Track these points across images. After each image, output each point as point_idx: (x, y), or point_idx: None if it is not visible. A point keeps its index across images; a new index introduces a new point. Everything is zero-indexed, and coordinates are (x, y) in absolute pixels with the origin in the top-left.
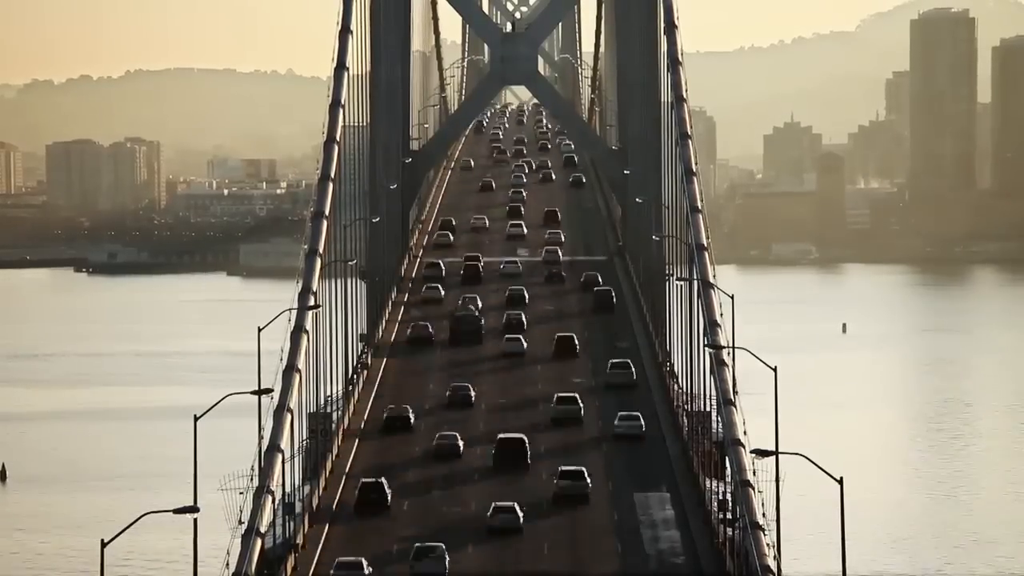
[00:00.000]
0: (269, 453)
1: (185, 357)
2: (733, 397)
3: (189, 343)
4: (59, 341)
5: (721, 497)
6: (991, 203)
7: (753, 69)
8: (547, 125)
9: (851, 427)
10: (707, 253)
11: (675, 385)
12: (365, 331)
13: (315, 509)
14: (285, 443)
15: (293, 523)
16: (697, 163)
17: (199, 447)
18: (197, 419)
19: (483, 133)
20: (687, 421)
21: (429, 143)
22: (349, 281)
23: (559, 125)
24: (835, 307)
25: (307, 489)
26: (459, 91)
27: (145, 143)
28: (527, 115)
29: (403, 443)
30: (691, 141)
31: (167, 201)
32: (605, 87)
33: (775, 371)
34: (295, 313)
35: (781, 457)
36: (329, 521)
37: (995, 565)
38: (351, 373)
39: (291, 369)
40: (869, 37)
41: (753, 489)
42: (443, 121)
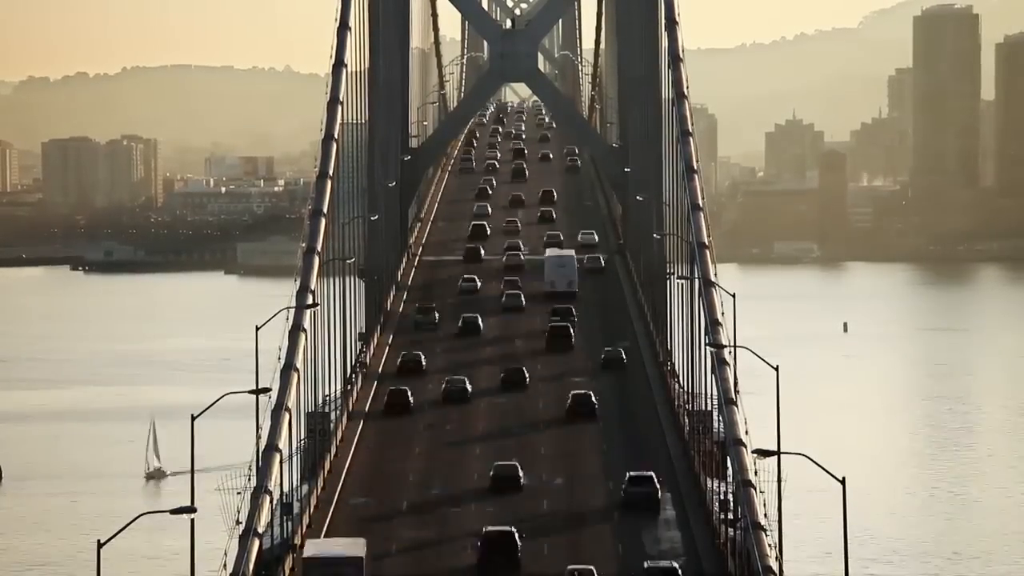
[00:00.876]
0: (267, 453)
1: (182, 356)
2: (734, 396)
3: (186, 342)
4: (55, 340)
5: (722, 497)
6: (994, 201)
7: (755, 66)
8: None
9: (853, 427)
10: (708, 251)
11: (676, 384)
12: (363, 330)
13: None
14: (283, 443)
15: (291, 523)
16: (698, 161)
17: (196, 447)
18: (194, 419)
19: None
20: (688, 420)
21: (428, 141)
22: (347, 279)
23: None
24: (837, 306)
25: (305, 489)
26: (458, 88)
27: (142, 140)
28: (527, 112)
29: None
30: (692, 138)
31: (164, 199)
32: (605, 84)
33: (777, 370)
34: (293, 312)
35: (783, 457)
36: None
37: (998, 566)
38: (349, 372)
39: (289, 368)
40: (872, 34)
41: (755, 489)
42: (442, 118)
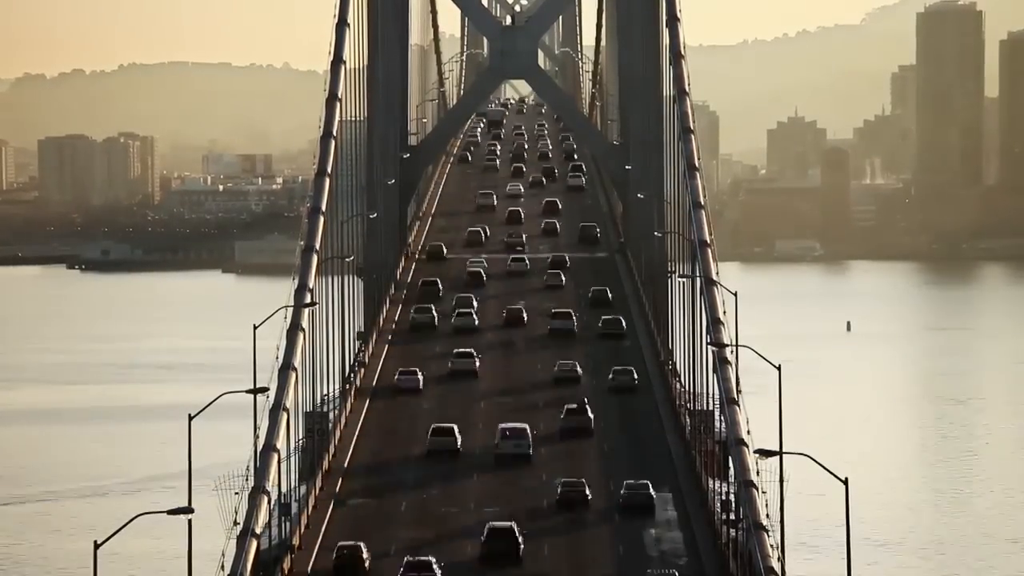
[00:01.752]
0: (265, 453)
1: (179, 355)
2: (736, 396)
3: (183, 341)
4: (50, 339)
5: (724, 497)
6: (999, 199)
7: (757, 63)
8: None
9: (856, 427)
10: (710, 250)
11: (678, 384)
12: (362, 329)
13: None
14: (281, 443)
15: (289, 524)
16: (699, 158)
17: (194, 447)
18: (192, 418)
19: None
20: (689, 420)
21: (427, 138)
22: (346, 278)
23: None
24: (840, 304)
25: (303, 489)
26: (458, 85)
27: (139, 138)
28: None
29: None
30: (693, 136)
31: (161, 197)
32: (606, 81)
33: (779, 370)
34: (291, 311)
35: (785, 457)
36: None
37: (1002, 567)
38: (348, 371)
39: (287, 368)
40: (874, 30)
41: (757, 489)
42: (442, 116)
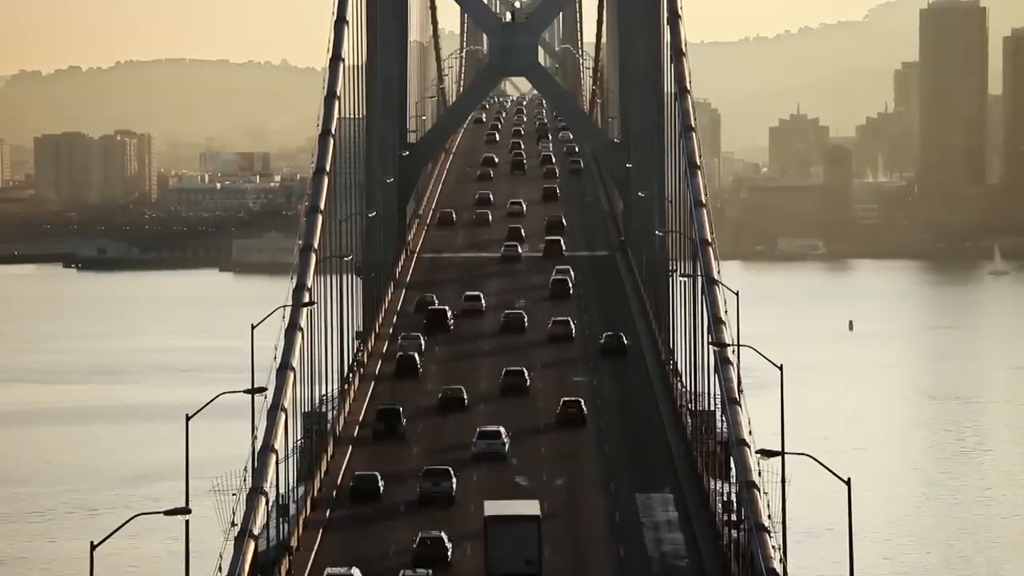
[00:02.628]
0: (262, 453)
1: (176, 355)
2: (738, 396)
3: (180, 341)
4: (46, 338)
5: (726, 498)
6: (1002, 197)
7: (758, 60)
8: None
9: (858, 427)
10: (711, 248)
11: (679, 384)
12: (361, 328)
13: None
14: (279, 443)
15: (287, 525)
16: (701, 156)
17: (191, 447)
18: (189, 418)
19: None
20: (691, 421)
21: (427, 136)
22: (345, 277)
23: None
24: (843, 303)
25: (301, 490)
26: (457, 82)
27: (136, 136)
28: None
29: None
30: (695, 134)
31: (158, 195)
32: (607, 78)
33: (781, 369)
34: (289, 310)
35: (787, 457)
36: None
37: (1006, 568)
38: (347, 371)
39: (285, 367)
40: (877, 27)
41: (758, 490)
42: (441, 113)
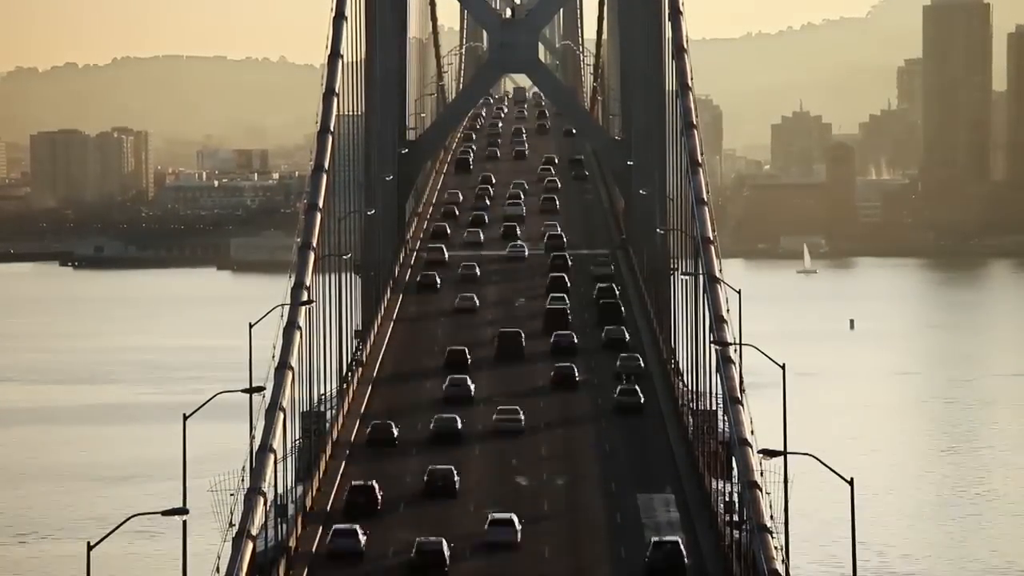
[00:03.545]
0: (260, 453)
1: (173, 354)
2: (740, 395)
3: (178, 340)
4: (42, 337)
5: (727, 499)
6: (1006, 195)
7: (761, 56)
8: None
9: (861, 427)
10: (713, 247)
11: (680, 383)
12: (360, 327)
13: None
14: (277, 443)
15: (285, 525)
16: (703, 154)
17: (188, 447)
18: (186, 418)
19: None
20: (693, 420)
21: (426, 133)
22: (343, 276)
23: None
24: (845, 302)
25: (300, 490)
26: (457, 79)
27: (132, 133)
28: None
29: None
30: (696, 131)
31: (155, 193)
32: (608, 75)
33: (783, 369)
34: (287, 309)
35: (790, 457)
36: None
37: (1010, 569)
38: (345, 371)
39: (283, 367)
40: (880, 23)
41: (760, 490)
42: (440, 110)
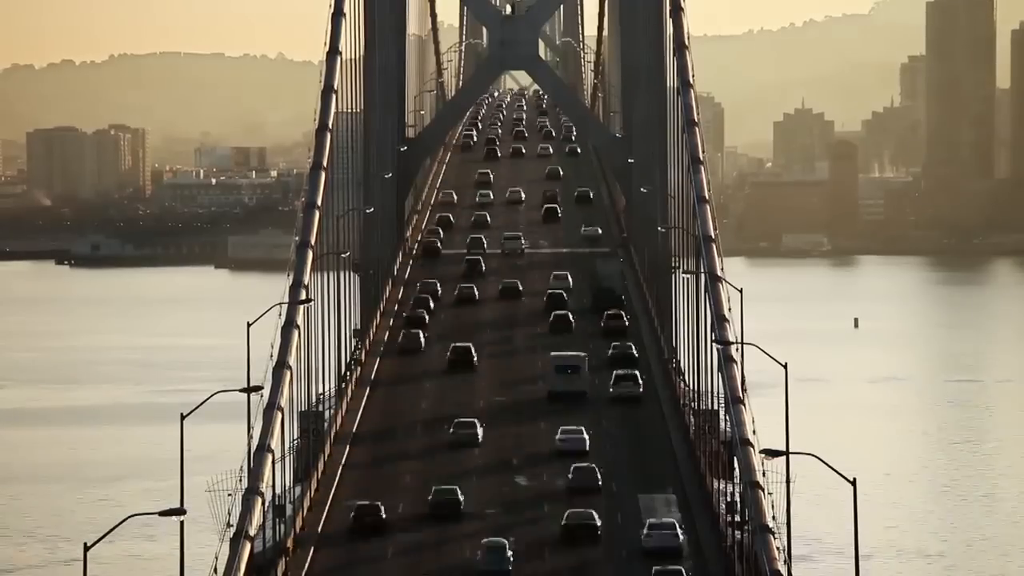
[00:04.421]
0: (258, 453)
1: (170, 353)
2: (742, 395)
3: (174, 339)
4: (38, 337)
5: (729, 499)
6: (1011, 192)
7: (762, 53)
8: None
9: (864, 427)
10: (715, 245)
11: (681, 383)
12: (358, 326)
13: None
14: (275, 443)
15: (283, 526)
16: (704, 151)
17: (186, 447)
18: (183, 418)
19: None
20: (694, 420)
21: (425, 130)
22: (342, 274)
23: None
24: (848, 301)
25: (298, 491)
26: (457, 76)
27: (130, 130)
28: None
29: None
30: (698, 128)
31: (152, 190)
32: (609, 72)
33: (785, 368)
34: (286, 308)
35: (792, 458)
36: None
37: (1014, 569)
38: (344, 370)
39: (281, 366)
40: (883, 20)
41: (763, 491)
42: (440, 108)
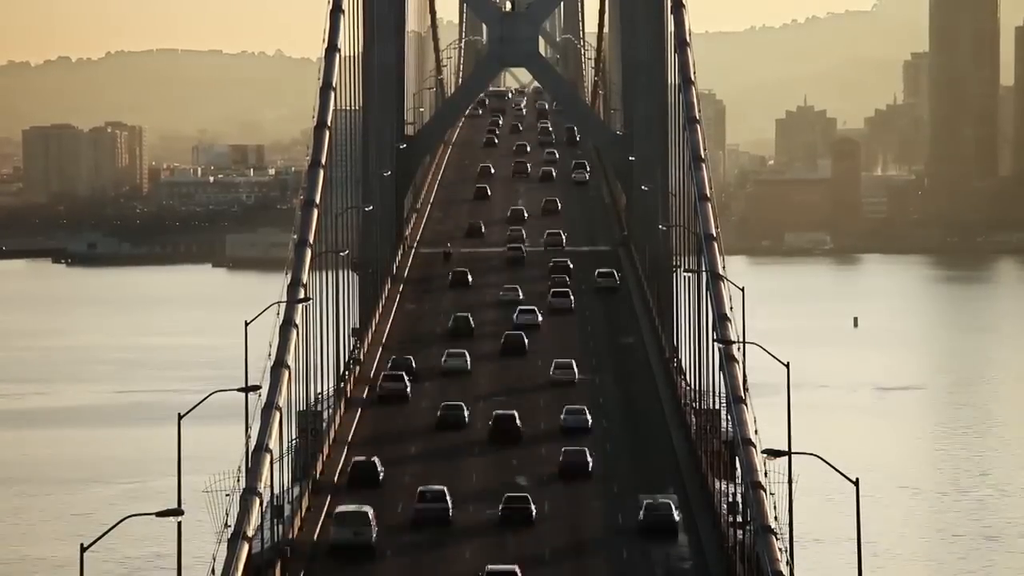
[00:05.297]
0: (256, 453)
1: (167, 352)
2: (743, 394)
3: (172, 338)
4: (36, 336)
5: (731, 499)
6: (1014, 190)
7: (764, 50)
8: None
9: (866, 427)
10: (716, 243)
11: (683, 382)
12: (357, 325)
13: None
14: (273, 443)
15: (282, 526)
16: (706, 149)
17: (183, 447)
18: (181, 418)
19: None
20: (695, 420)
21: (425, 128)
22: (341, 273)
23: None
24: (850, 300)
25: (296, 491)
26: (456, 73)
27: (126, 128)
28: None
29: None
30: (699, 126)
31: (149, 188)
32: (609, 69)
33: (788, 367)
34: (284, 306)
35: (794, 457)
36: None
37: (1016, 570)
38: (343, 369)
39: (279, 365)
40: (886, 16)
41: (764, 491)
42: (439, 105)
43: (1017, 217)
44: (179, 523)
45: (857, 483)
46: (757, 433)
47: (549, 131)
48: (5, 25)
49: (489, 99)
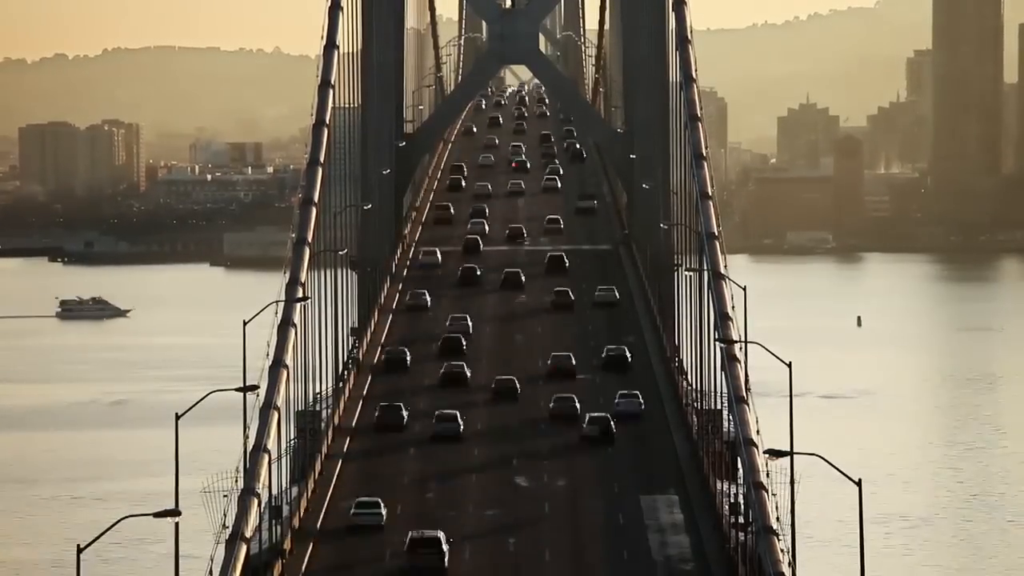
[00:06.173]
0: (255, 454)
1: (166, 352)
2: (745, 394)
3: (170, 338)
4: (33, 335)
5: (733, 500)
6: (1018, 189)
7: (767, 47)
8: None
9: (868, 428)
10: (718, 242)
11: (684, 382)
12: (356, 324)
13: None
14: (272, 443)
15: (280, 527)
16: (707, 147)
17: (180, 447)
18: (178, 418)
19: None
20: (697, 419)
21: (424, 126)
22: (339, 271)
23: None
24: (853, 299)
25: (295, 491)
26: (456, 71)
27: (124, 126)
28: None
29: None
30: (701, 124)
31: (147, 187)
32: (610, 67)
33: (790, 367)
34: (282, 306)
35: (796, 458)
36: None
37: (1017, 570)
38: (341, 369)
39: (278, 365)
40: (889, 13)
41: (766, 491)
42: (439, 103)
43: (1020, 216)
44: (176, 524)
45: (860, 483)
46: (759, 433)
47: (550, 139)
48: (1, 22)
49: (487, 107)
